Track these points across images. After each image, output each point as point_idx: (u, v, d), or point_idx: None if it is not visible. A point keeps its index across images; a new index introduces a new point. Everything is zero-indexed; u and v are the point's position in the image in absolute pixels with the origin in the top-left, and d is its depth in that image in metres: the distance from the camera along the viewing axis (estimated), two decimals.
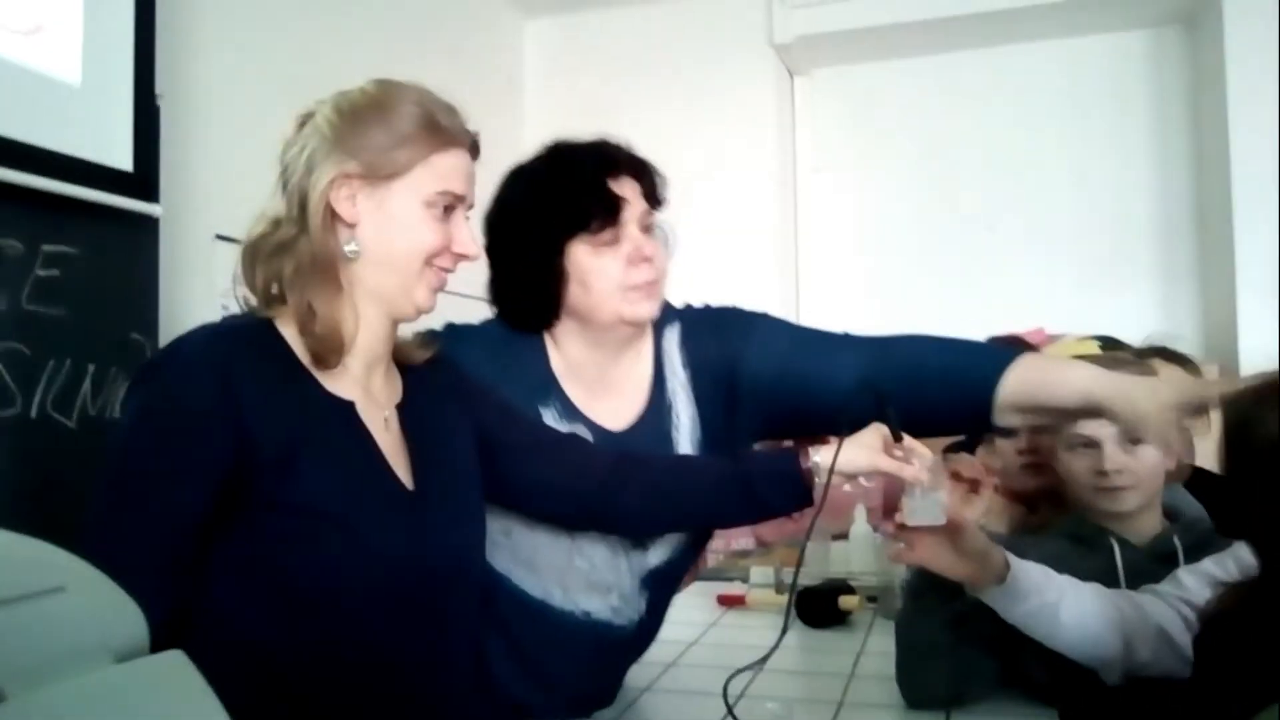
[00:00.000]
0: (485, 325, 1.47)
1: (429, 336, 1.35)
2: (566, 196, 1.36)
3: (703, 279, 4.09)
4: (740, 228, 4.11)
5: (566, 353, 1.44)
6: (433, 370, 1.28)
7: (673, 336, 1.49)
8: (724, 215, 4.14)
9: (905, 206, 4.09)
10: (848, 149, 4.19)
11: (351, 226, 1.13)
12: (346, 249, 1.13)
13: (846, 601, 1.98)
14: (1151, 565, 1.50)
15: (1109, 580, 1.48)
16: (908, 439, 1.27)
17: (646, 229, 1.41)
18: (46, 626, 0.46)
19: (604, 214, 1.36)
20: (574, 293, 1.38)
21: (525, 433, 1.34)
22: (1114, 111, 3.96)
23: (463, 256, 1.18)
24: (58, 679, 0.44)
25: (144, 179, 2.25)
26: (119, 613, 0.52)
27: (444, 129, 1.15)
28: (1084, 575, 1.47)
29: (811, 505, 1.29)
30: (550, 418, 1.42)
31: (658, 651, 1.85)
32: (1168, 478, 1.59)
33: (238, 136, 2.56)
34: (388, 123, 1.12)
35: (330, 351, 1.11)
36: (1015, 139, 4.01)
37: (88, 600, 0.50)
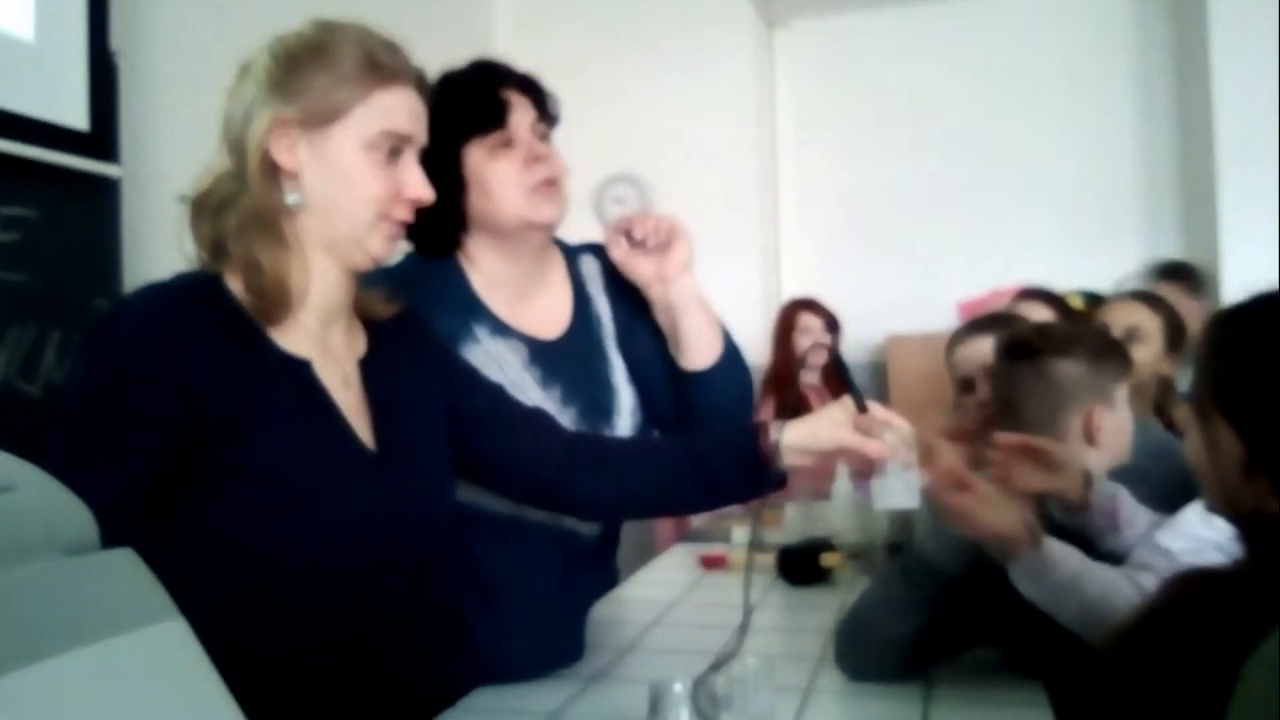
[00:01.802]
0: (400, 263, 1.47)
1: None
2: (456, 105, 1.41)
3: None
4: (719, 185, 4.07)
5: (483, 270, 1.46)
6: (398, 324, 1.23)
7: (591, 263, 1.55)
8: (702, 172, 4.10)
9: (888, 162, 4.05)
10: (828, 104, 4.14)
11: (294, 176, 1.08)
12: (288, 200, 1.08)
13: (828, 559, 1.96)
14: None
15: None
16: (878, 409, 1.20)
17: (541, 137, 1.45)
18: None
19: (493, 117, 1.40)
20: (476, 201, 1.41)
21: (487, 404, 1.30)
22: (1098, 64, 3.93)
23: (415, 200, 1.12)
24: (6, 569, 0.45)
25: (101, 138, 2.18)
26: (68, 513, 0.52)
27: (383, 65, 1.09)
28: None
29: (778, 488, 1.23)
30: (484, 335, 1.43)
31: (639, 612, 1.83)
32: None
33: (200, 95, 2.46)
34: (325, 64, 1.07)
35: (276, 307, 1.07)
36: (999, 92, 3.97)
37: (37, 499, 0.50)
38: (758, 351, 3.65)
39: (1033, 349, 1.58)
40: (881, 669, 1.34)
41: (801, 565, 1.96)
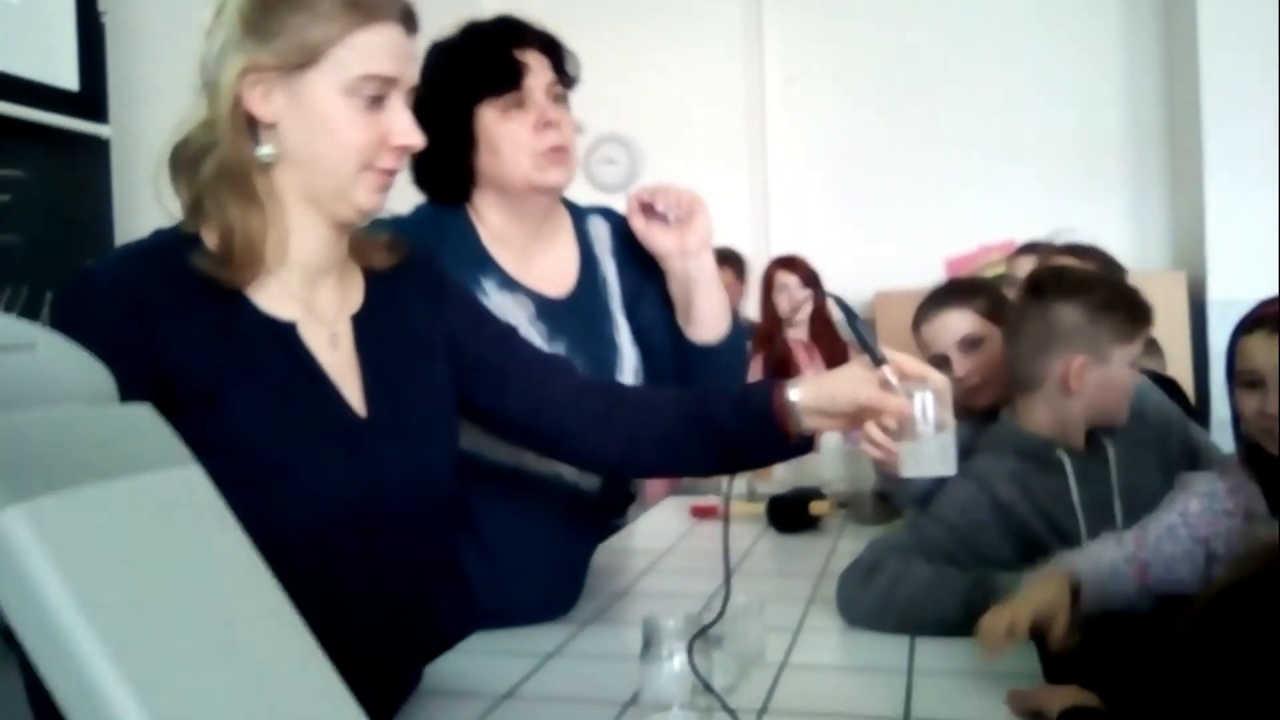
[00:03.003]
0: (415, 211, 1.48)
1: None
2: (473, 63, 1.41)
3: None
4: (707, 143, 4.07)
5: (491, 225, 1.46)
6: (401, 273, 1.14)
7: (600, 225, 1.55)
8: (691, 131, 4.10)
9: (875, 119, 4.05)
10: (816, 61, 4.14)
11: (271, 127, 0.99)
12: (260, 153, 0.99)
13: (817, 507, 2.00)
14: (1096, 467, 1.52)
15: (1064, 490, 1.50)
16: (907, 361, 1.07)
17: (556, 99, 1.44)
18: (19, 374, 0.48)
19: (508, 78, 1.39)
20: (485, 159, 1.41)
21: (492, 350, 1.21)
22: (1085, 21, 3.93)
23: (404, 148, 1.03)
24: (32, 410, 0.46)
25: (90, 98, 2.18)
26: (87, 369, 0.52)
27: (362, 1, 0.98)
28: (1042, 490, 1.49)
29: (802, 453, 1.15)
30: (491, 288, 1.42)
31: (633, 560, 1.87)
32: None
33: (187, 54, 2.48)
34: (299, 2, 0.97)
35: (242, 268, 0.99)
36: (986, 47, 3.97)
37: (57, 357, 0.51)
38: (745, 307, 3.68)
39: (1041, 288, 1.59)
40: (904, 629, 1.37)
41: (791, 514, 2.00)
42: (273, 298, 1.02)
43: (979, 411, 1.77)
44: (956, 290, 1.88)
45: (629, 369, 1.51)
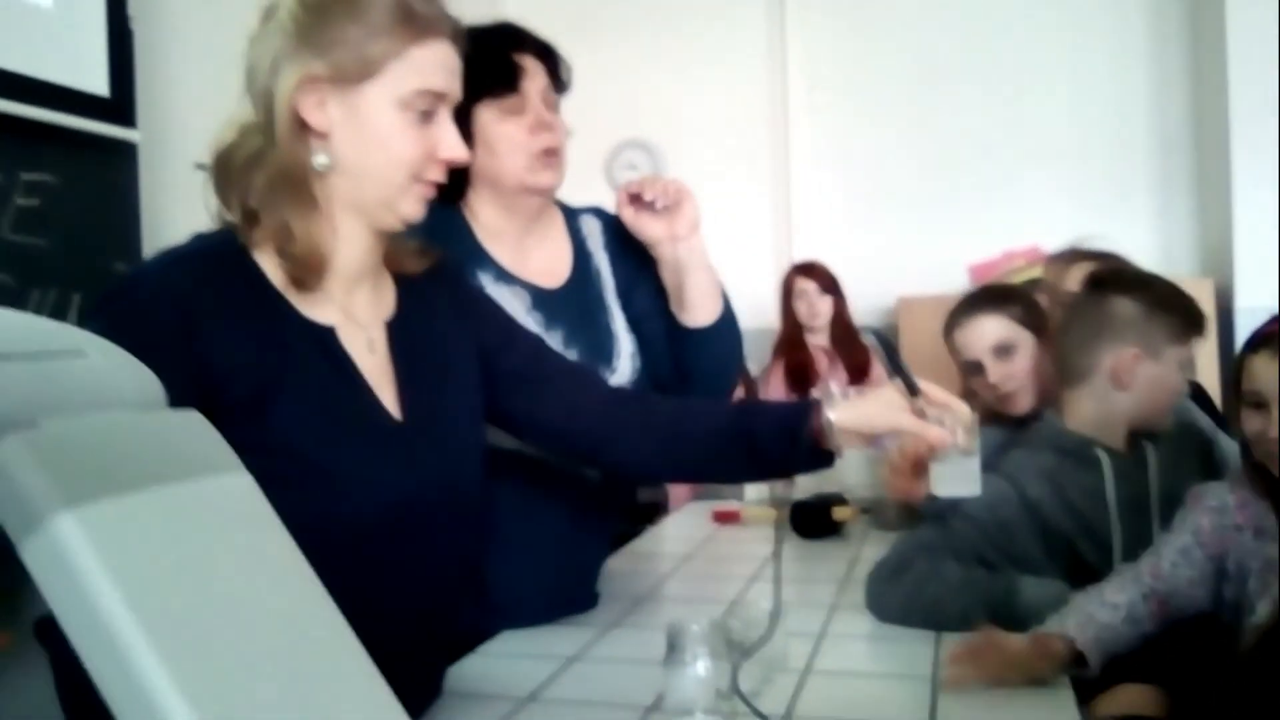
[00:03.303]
0: None
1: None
2: (473, 64, 1.43)
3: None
4: (730, 149, 4.07)
5: (484, 221, 1.49)
6: (432, 277, 1.16)
7: (592, 222, 1.60)
8: (713, 137, 4.10)
9: (899, 124, 4.03)
10: (840, 66, 4.12)
11: (323, 136, 1.00)
12: (315, 161, 1.00)
13: (840, 512, 1.99)
14: (1134, 469, 1.51)
15: (1099, 488, 1.49)
16: (935, 390, 1.14)
17: (549, 105, 1.49)
18: (70, 380, 0.48)
19: (507, 80, 1.44)
20: (481, 158, 1.44)
21: (524, 359, 1.24)
22: (1110, 24, 3.90)
23: (450, 161, 1.05)
24: (83, 415, 0.47)
25: (120, 104, 2.21)
26: (136, 376, 0.53)
27: (419, 16, 1.00)
28: (1076, 488, 1.48)
29: (825, 466, 1.19)
30: (487, 281, 1.44)
31: (655, 564, 1.87)
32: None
33: (216, 61, 2.49)
34: (357, 13, 0.98)
35: (309, 274, 1.01)
36: (1011, 55, 3.94)
37: (107, 364, 0.52)
38: (767, 313, 3.67)
39: (1101, 283, 1.60)
40: (930, 625, 1.37)
41: (814, 519, 1.99)
42: (315, 303, 1.03)
43: (1011, 419, 1.76)
44: (991, 296, 1.87)
45: (625, 354, 1.53)
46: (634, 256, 1.56)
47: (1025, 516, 1.45)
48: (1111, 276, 1.64)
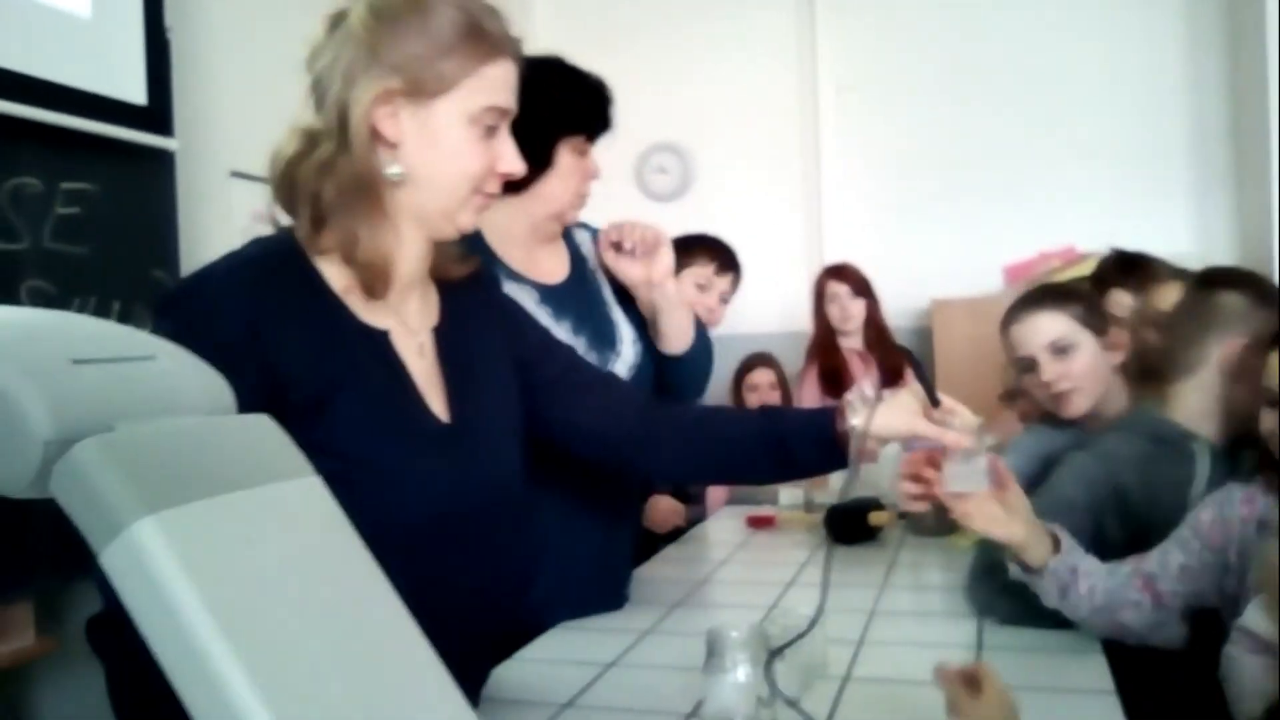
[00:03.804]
0: None
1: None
2: (584, 99, 1.55)
3: (724, 203, 4.05)
4: (761, 150, 4.06)
5: (499, 227, 1.54)
6: (470, 287, 1.19)
7: (584, 234, 1.71)
8: (744, 138, 4.08)
9: (931, 124, 3.98)
10: (870, 66, 4.09)
11: (394, 146, 1.03)
12: (389, 171, 1.03)
13: (877, 517, 1.97)
14: (1224, 472, 1.49)
15: (1186, 482, 1.47)
16: (947, 400, 1.23)
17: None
18: (142, 384, 0.49)
19: (601, 128, 1.58)
20: (550, 183, 1.54)
21: (560, 369, 1.28)
22: (1147, 19, 3.84)
23: (506, 175, 1.09)
24: (155, 420, 0.48)
25: (157, 112, 2.23)
26: (206, 380, 0.54)
27: (489, 35, 1.04)
28: (1164, 479, 1.47)
29: (845, 467, 1.25)
30: (500, 279, 1.48)
31: (690, 570, 1.86)
32: None
33: (252, 71, 2.53)
34: (427, 28, 1.01)
35: (378, 281, 1.04)
36: (1044, 52, 3.89)
37: (176, 367, 0.53)
38: (799, 316, 3.64)
39: (1210, 280, 1.62)
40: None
41: (850, 524, 1.97)
42: (370, 308, 1.06)
43: (1065, 421, 1.73)
44: (1052, 293, 1.84)
45: (627, 339, 1.62)
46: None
47: (1114, 501, 1.47)
48: (1221, 273, 1.67)
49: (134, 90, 2.19)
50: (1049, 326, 1.74)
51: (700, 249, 2.49)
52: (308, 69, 1.04)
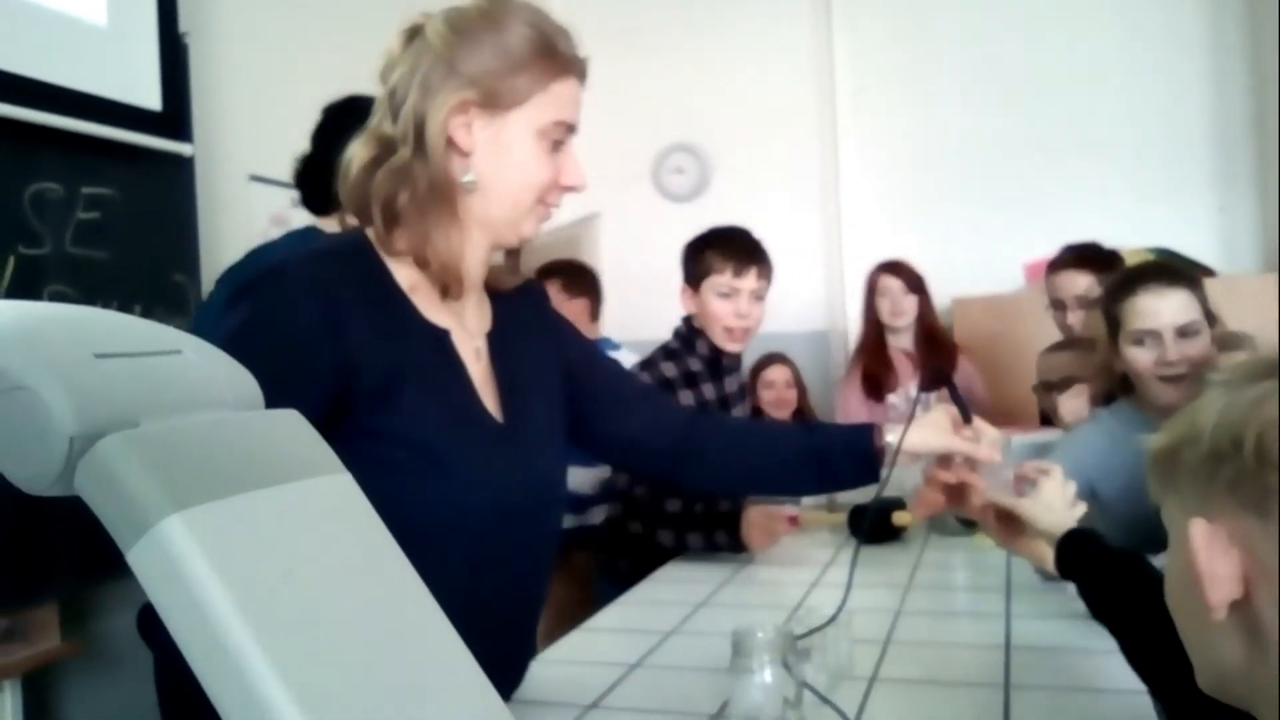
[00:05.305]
0: None
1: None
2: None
3: (741, 204, 4.03)
4: (778, 150, 4.04)
5: None
6: (520, 297, 1.23)
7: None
8: (761, 138, 4.07)
9: (949, 122, 3.96)
10: (887, 64, 4.07)
11: (466, 155, 1.08)
12: (463, 179, 1.08)
13: (900, 517, 1.96)
14: None
15: None
16: (976, 419, 1.28)
17: None
18: (169, 379, 0.48)
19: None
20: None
21: (607, 381, 1.33)
22: (1167, 16, 3.81)
23: (570, 188, 1.13)
24: (184, 415, 0.47)
25: (174, 117, 2.24)
26: (234, 375, 0.53)
27: (560, 54, 1.09)
28: None
29: (876, 480, 1.31)
30: None
31: (712, 570, 1.84)
32: None
33: (268, 77, 2.54)
34: (502, 44, 1.06)
35: (452, 282, 1.08)
36: (1064, 48, 3.86)
37: (204, 363, 0.52)
38: (817, 315, 3.63)
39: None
40: None
41: (874, 524, 1.95)
42: (433, 307, 1.10)
43: (1158, 409, 1.69)
44: (1182, 274, 1.75)
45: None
46: None
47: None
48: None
49: (150, 96, 2.20)
50: (1183, 305, 1.67)
51: (710, 252, 2.11)
52: (381, 79, 1.09)
